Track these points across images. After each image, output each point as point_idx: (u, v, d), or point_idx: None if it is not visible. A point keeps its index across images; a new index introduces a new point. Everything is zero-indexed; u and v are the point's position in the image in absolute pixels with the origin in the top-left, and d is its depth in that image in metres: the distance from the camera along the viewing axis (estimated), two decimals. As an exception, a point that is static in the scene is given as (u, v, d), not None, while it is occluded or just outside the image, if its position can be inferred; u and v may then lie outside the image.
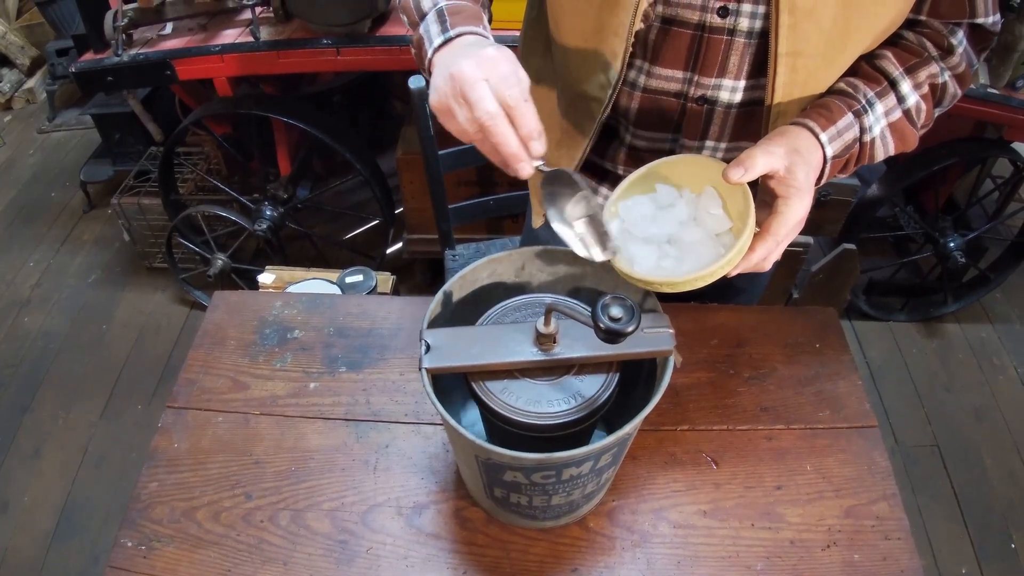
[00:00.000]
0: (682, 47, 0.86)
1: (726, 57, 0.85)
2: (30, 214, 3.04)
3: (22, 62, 3.74)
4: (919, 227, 2.36)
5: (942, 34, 0.86)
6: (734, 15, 0.82)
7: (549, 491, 0.74)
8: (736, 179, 0.73)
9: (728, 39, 0.84)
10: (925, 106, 0.88)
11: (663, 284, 0.72)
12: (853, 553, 0.89)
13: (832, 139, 0.82)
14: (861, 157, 0.87)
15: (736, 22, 0.82)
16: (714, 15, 0.82)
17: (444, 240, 1.76)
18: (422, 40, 0.84)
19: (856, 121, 0.84)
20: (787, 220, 0.76)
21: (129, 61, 2.00)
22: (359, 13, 1.91)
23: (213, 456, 0.97)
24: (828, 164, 0.83)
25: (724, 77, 0.87)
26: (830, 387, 1.05)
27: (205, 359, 1.09)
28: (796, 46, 0.79)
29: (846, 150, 0.85)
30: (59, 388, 2.36)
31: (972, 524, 1.97)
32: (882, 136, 0.86)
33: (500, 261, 0.83)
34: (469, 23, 0.82)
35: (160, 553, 0.88)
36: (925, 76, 0.86)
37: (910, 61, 0.86)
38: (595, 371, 0.74)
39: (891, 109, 0.86)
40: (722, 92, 0.88)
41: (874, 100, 0.85)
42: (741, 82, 0.87)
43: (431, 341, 0.73)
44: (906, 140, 0.89)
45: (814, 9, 0.76)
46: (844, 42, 0.81)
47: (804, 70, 0.82)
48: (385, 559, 0.87)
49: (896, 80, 0.86)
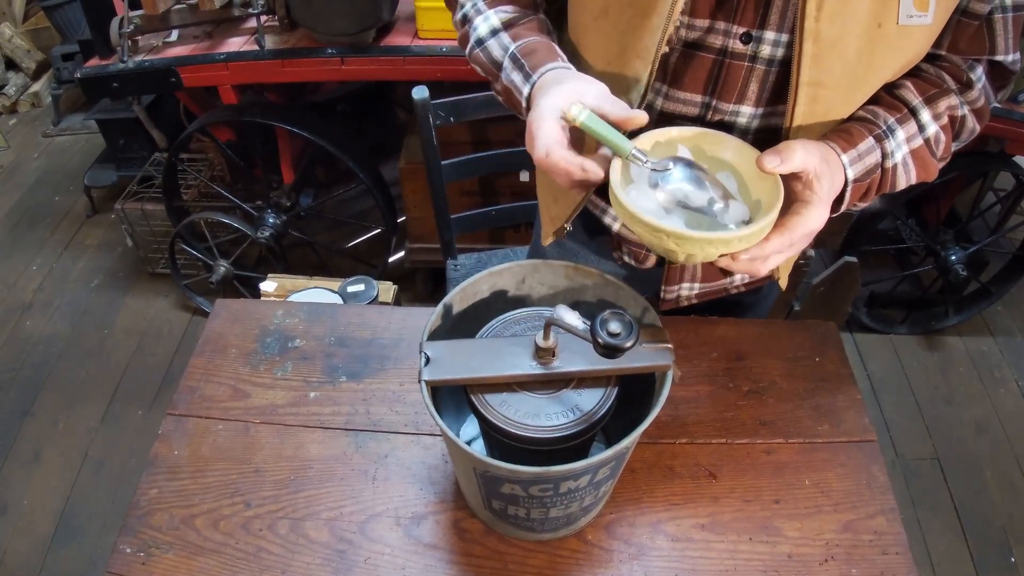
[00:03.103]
0: (702, 72, 0.86)
1: (746, 84, 0.85)
2: (33, 218, 3.05)
3: (27, 66, 3.76)
4: (921, 240, 2.36)
5: (961, 68, 0.87)
6: (757, 42, 0.82)
7: (547, 504, 0.74)
8: (770, 168, 0.73)
9: (749, 66, 0.84)
10: (944, 137, 0.88)
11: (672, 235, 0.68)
12: (851, 568, 0.89)
13: (853, 162, 0.82)
14: (883, 184, 0.87)
15: (758, 49, 0.82)
16: (737, 41, 0.82)
17: (446, 249, 1.77)
18: (510, 90, 0.88)
19: (878, 146, 0.84)
20: (805, 223, 0.76)
21: (134, 68, 2.02)
22: (364, 23, 1.92)
23: (213, 464, 0.97)
24: (849, 188, 0.82)
25: (743, 104, 0.87)
26: (829, 401, 1.05)
27: (206, 367, 1.09)
28: (818, 76, 0.79)
29: (867, 175, 0.84)
30: (60, 392, 2.37)
31: (972, 537, 1.97)
32: (904, 163, 0.86)
33: (500, 274, 0.84)
34: (546, 61, 0.85)
35: (159, 560, 0.88)
36: (944, 107, 0.86)
37: (929, 91, 0.86)
38: (594, 385, 0.74)
39: (912, 136, 0.86)
40: (740, 118, 0.88)
41: (895, 126, 0.85)
42: (760, 109, 0.87)
43: (431, 353, 0.74)
44: (928, 169, 0.88)
45: (839, 40, 0.76)
46: (867, 74, 0.81)
47: (824, 100, 0.82)
48: (383, 569, 0.87)
49: (916, 108, 0.85)
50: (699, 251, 0.70)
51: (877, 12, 0.75)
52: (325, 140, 2.13)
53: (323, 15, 1.91)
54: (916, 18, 0.76)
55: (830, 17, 0.75)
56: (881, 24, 0.76)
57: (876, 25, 0.76)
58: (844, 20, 0.75)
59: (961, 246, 2.29)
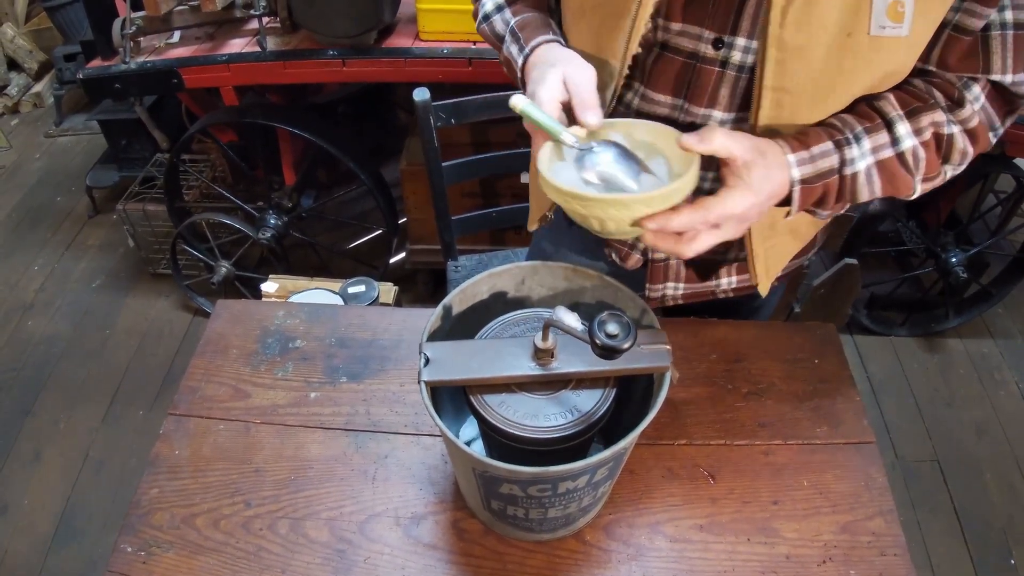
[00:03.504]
0: (675, 74, 0.88)
1: (716, 88, 0.86)
2: (35, 218, 3.05)
3: (30, 66, 3.77)
4: (921, 242, 2.36)
5: (954, 85, 0.84)
6: (728, 48, 0.83)
7: (545, 504, 0.75)
8: (687, 145, 0.75)
9: (720, 71, 0.85)
10: (925, 154, 0.84)
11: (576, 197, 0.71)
12: (849, 569, 0.89)
13: (802, 163, 0.81)
14: (843, 192, 0.85)
15: (729, 55, 0.84)
16: (708, 46, 0.84)
17: (447, 251, 1.77)
18: (509, 61, 0.94)
19: (837, 152, 0.82)
20: (722, 204, 0.76)
21: (136, 69, 2.02)
22: (365, 25, 1.93)
23: (213, 463, 0.98)
24: (796, 187, 0.81)
25: (714, 108, 0.88)
26: (828, 403, 1.05)
27: (207, 367, 1.10)
28: (782, 82, 0.80)
29: (819, 178, 0.82)
30: (61, 392, 2.37)
31: (972, 539, 1.97)
32: (867, 173, 0.83)
33: (500, 276, 0.84)
34: (538, 33, 0.91)
35: (159, 559, 0.89)
36: (928, 122, 0.83)
37: (912, 104, 0.84)
38: (592, 386, 0.74)
39: (881, 147, 0.83)
40: (711, 122, 0.89)
41: (863, 135, 0.83)
42: (730, 114, 0.88)
43: (430, 354, 0.74)
44: (896, 184, 0.86)
45: (805, 48, 0.77)
46: (834, 83, 0.81)
47: (789, 106, 0.82)
48: (383, 569, 0.87)
49: (893, 120, 0.83)
50: (603, 213, 0.72)
51: (846, 22, 0.75)
52: (326, 141, 2.14)
53: (325, 17, 1.92)
54: (890, 29, 0.75)
55: (795, 24, 0.76)
56: (851, 34, 0.76)
57: (845, 35, 0.76)
58: (810, 28, 0.76)
59: (961, 248, 2.29)
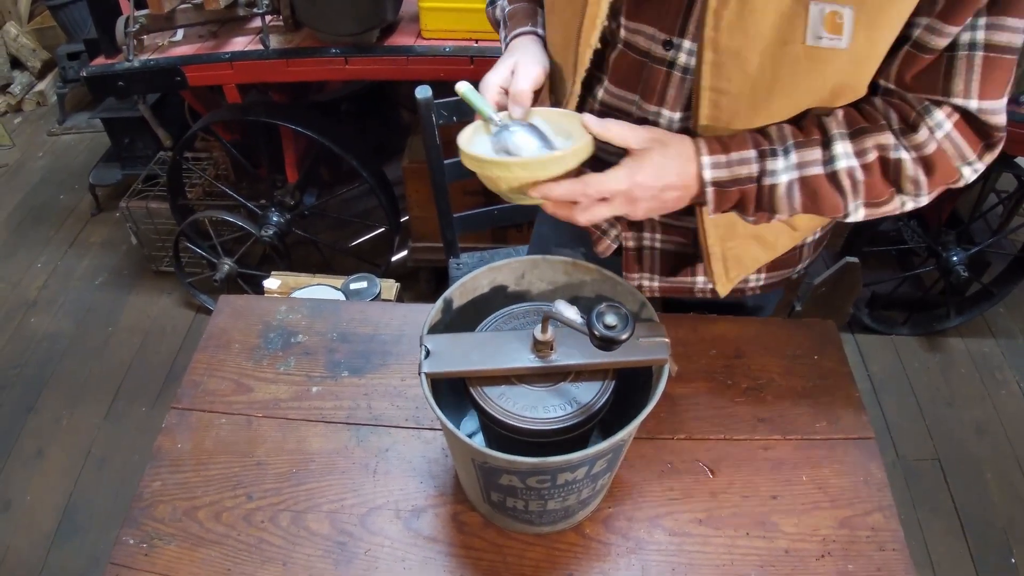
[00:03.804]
0: (631, 72, 0.92)
1: (665, 88, 0.89)
2: (38, 216, 3.06)
3: (33, 65, 3.78)
4: (922, 241, 2.37)
5: (913, 108, 0.80)
6: (676, 49, 0.85)
7: (544, 496, 0.75)
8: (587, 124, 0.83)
9: (667, 71, 0.88)
10: (865, 177, 0.83)
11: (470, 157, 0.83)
12: (847, 563, 0.89)
13: (716, 166, 0.82)
14: (761, 202, 0.85)
15: (676, 56, 0.86)
16: (659, 46, 0.87)
17: (448, 249, 1.78)
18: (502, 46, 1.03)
19: (759, 161, 0.83)
20: (600, 180, 0.81)
21: (140, 67, 2.03)
22: (367, 23, 1.94)
23: (216, 457, 0.98)
24: (709, 188, 0.83)
25: (663, 107, 0.90)
26: (827, 399, 1.06)
27: (210, 361, 1.10)
28: (718, 83, 0.81)
29: (734, 183, 0.83)
30: (64, 389, 2.38)
31: (972, 538, 1.97)
32: (788, 187, 0.83)
33: (500, 269, 0.85)
34: (521, 24, 1.01)
35: (161, 551, 0.90)
36: (872, 144, 0.82)
37: (859, 124, 0.83)
38: (591, 378, 0.75)
39: (810, 163, 0.83)
40: (661, 120, 0.91)
41: (791, 149, 0.83)
42: (678, 113, 0.90)
43: (431, 346, 0.75)
44: (820, 204, 0.84)
45: (739, 52, 0.78)
46: (771, 91, 0.81)
47: (727, 109, 0.83)
48: (383, 561, 0.88)
49: (833, 138, 0.82)
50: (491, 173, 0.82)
51: (782, 29, 0.76)
52: (329, 139, 2.14)
53: (327, 15, 1.92)
54: (827, 40, 0.75)
55: (729, 29, 0.77)
56: (787, 42, 0.76)
57: (781, 42, 0.77)
58: (743, 33, 0.77)
59: (963, 247, 2.29)
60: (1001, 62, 0.75)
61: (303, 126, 2.14)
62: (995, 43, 0.74)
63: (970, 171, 0.83)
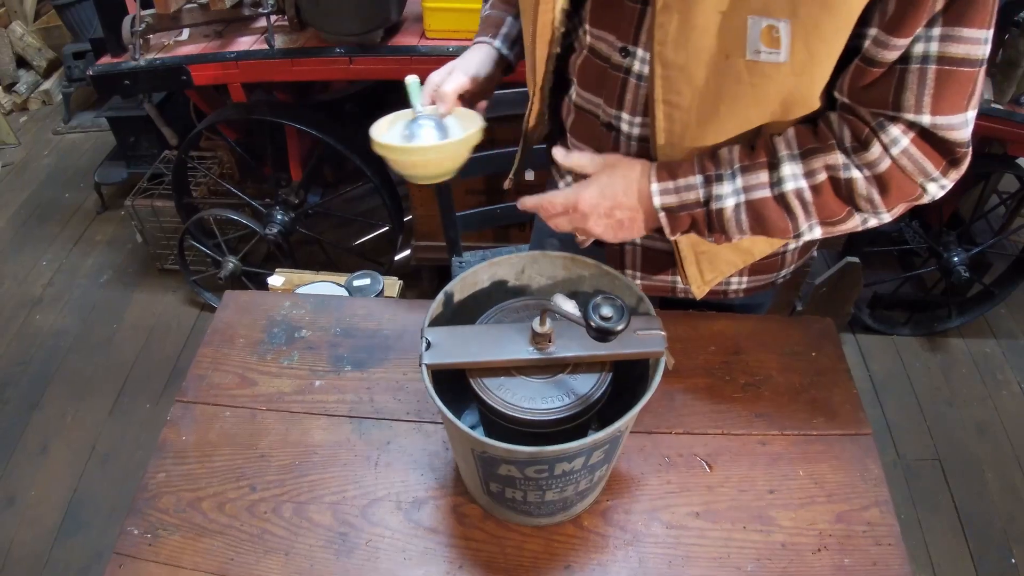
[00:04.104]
0: (593, 75, 0.96)
1: (623, 92, 0.92)
2: (44, 214, 3.08)
3: (39, 64, 3.80)
4: (923, 241, 2.37)
5: (868, 124, 0.79)
6: (631, 57, 0.89)
7: (543, 486, 0.76)
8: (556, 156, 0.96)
9: (624, 77, 0.91)
10: (814, 197, 0.83)
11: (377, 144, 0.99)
12: (843, 557, 0.90)
13: (665, 192, 0.87)
14: (711, 224, 0.88)
15: (631, 63, 0.89)
16: (617, 53, 0.90)
17: (451, 247, 1.79)
18: None
19: (705, 186, 0.86)
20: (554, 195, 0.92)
21: (146, 66, 2.04)
22: (372, 23, 1.95)
23: (220, 449, 1.00)
24: (661, 214, 0.88)
25: (622, 111, 0.94)
26: (825, 395, 1.07)
27: (214, 356, 1.12)
28: (669, 96, 0.84)
29: (683, 208, 0.87)
30: (68, 386, 2.39)
31: (972, 538, 1.97)
32: (736, 210, 0.86)
33: (500, 264, 0.86)
34: (483, 32, 1.10)
35: (165, 541, 0.91)
36: (821, 165, 0.82)
37: (809, 144, 0.83)
38: (589, 370, 0.76)
39: (756, 187, 0.85)
40: (622, 124, 0.95)
41: (737, 173, 0.85)
42: (637, 118, 0.93)
43: (432, 339, 0.76)
44: (766, 225, 0.86)
45: (686, 66, 0.80)
46: (717, 105, 0.82)
47: (680, 121, 0.86)
48: (384, 551, 0.89)
49: (781, 160, 0.83)
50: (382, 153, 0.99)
51: (725, 44, 0.77)
52: (333, 139, 2.16)
53: (332, 15, 1.94)
54: (765, 54, 0.75)
55: (674, 44, 0.79)
56: (729, 56, 0.78)
57: (724, 57, 0.78)
58: (688, 49, 0.79)
59: (964, 248, 2.29)
60: (958, 75, 0.73)
61: (307, 125, 2.15)
62: (950, 55, 0.72)
63: (936, 187, 0.82)
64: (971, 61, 0.72)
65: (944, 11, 0.70)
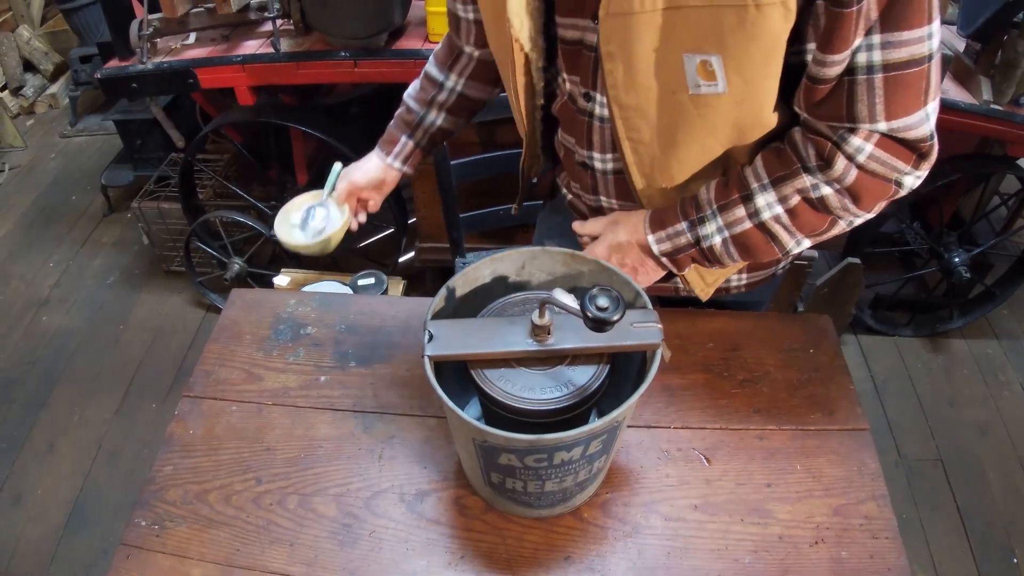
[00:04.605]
0: (569, 119, 1.02)
1: (591, 133, 0.99)
2: (50, 216, 3.11)
3: (45, 68, 3.84)
4: (924, 242, 2.38)
5: (829, 140, 0.82)
6: (593, 101, 0.95)
7: (542, 476, 0.78)
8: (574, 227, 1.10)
9: (589, 120, 0.98)
10: (792, 219, 0.89)
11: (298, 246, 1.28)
12: (841, 550, 0.91)
13: (660, 241, 0.97)
14: (708, 259, 0.97)
15: (593, 108, 0.96)
16: (582, 99, 0.97)
17: (455, 248, 1.81)
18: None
19: (691, 229, 0.95)
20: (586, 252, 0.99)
21: (153, 69, 2.07)
22: (376, 27, 1.97)
23: (226, 442, 1.01)
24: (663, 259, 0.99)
25: (593, 150, 1.01)
26: (822, 391, 1.08)
27: (221, 352, 1.13)
28: (631, 134, 0.91)
29: (679, 251, 0.97)
30: (75, 385, 2.42)
31: (974, 538, 1.98)
32: (724, 244, 0.94)
33: (501, 260, 0.88)
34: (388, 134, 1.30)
35: (172, 532, 0.92)
36: (792, 190, 0.87)
37: (778, 172, 0.87)
38: (587, 362, 0.78)
39: (735, 222, 0.92)
40: (595, 162, 1.02)
41: (716, 212, 0.92)
42: (607, 155, 1.01)
43: (434, 331, 0.77)
44: (754, 252, 0.94)
45: (640, 106, 0.87)
46: (675, 137, 0.89)
47: (646, 154, 0.93)
48: (387, 542, 0.91)
49: (754, 192, 0.89)
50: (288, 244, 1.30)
51: (668, 82, 0.83)
52: (338, 141, 2.18)
53: (337, 19, 1.96)
54: (706, 87, 0.80)
55: (624, 87, 0.86)
56: (675, 92, 0.83)
57: (670, 93, 0.83)
58: (637, 90, 0.85)
59: (965, 248, 2.30)
60: (906, 78, 0.74)
61: (313, 128, 2.17)
62: (894, 61, 0.73)
63: (911, 179, 0.84)
64: (917, 61, 0.73)
65: (880, 19, 0.71)
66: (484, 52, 1.17)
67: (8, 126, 3.51)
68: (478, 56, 1.19)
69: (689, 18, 0.75)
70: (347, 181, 1.29)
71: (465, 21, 1.13)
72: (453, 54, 1.21)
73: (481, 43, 1.15)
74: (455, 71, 1.22)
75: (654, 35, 0.78)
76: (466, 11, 1.12)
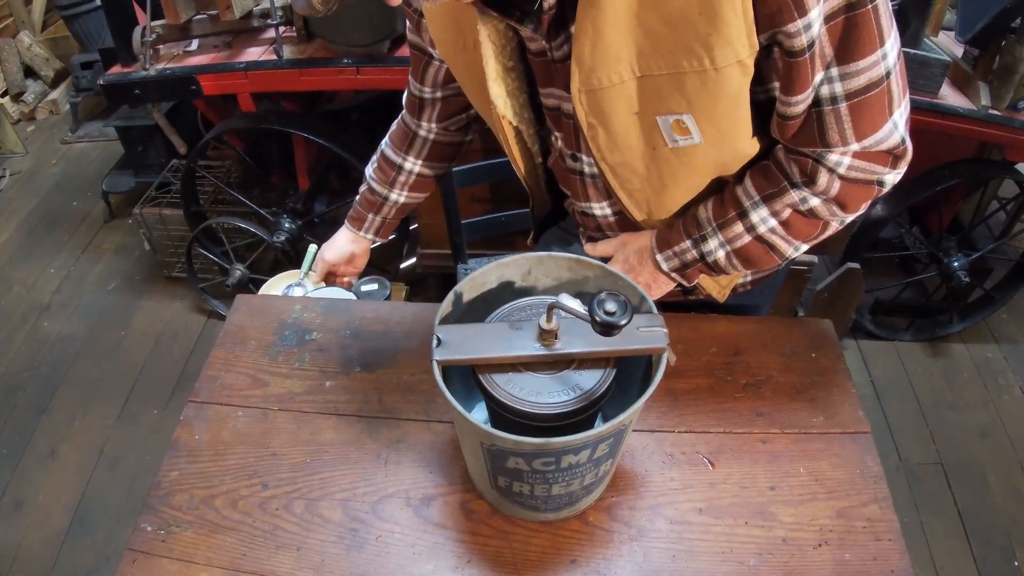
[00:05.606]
0: (563, 175, 1.09)
1: (584, 188, 1.06)
2: (52, 222, 3.11)
3: (46, 74, 3.85)
4: (924, 247, 2.39)
5: (810, 158, 0.88)
6: (580, 162, 1.02)
7: (549, 479, 0.78)
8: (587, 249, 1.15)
9: (580, 177, 1.04)
10: (787, 230, 0.96)
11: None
12: (844, 552, 0.92)
13: (668, 258, 1.04)
14: (714, 271, 1.04)
15: (581, 167, 1.02)
16: (570, 159, 1.03)
17: (457, 254, 1.81)
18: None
19: (695, 247, 1.01)
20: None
21: (156, 75, 2.08)
22: (379, 34, 1.98)
23: (232, 448, 1.02)
24: (673, 274, 1.06)
25: (591, 202, 1.08)
26: (824, 394, 1.08)
27: (226, 357, 1.14)
28: (623, 185, 0.98)
29: (686, 266, 1.04)
30: (76, 391, 2.42)
31: (975, 542, 1.98)
32: (727, 257, 1.00)
33: (508, 266, 0.88)
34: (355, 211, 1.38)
35: (178, 537, 0.93)
36: (782, 205, 0.93)
37: (768, 190, 0.93)
38: (593, 366, 0.78)
39: (735, 237, 0.98)
40: (595, 210, 1.09)
41: (715, 231, 0.99)
42: (605, 203, 1.07)
43: (442, 336, 0.78)
44: (756, 262, 1.01)
45: (625, 163, 0.94)
46: (663, 183, 0.96)
47: (641, 198, 1.00)
48: (393, 547, 0.91)
49: (747, 210, 0.95)
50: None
51: (649, 140, 0.89)
52: (340, 147, 2.18)
53: (339, 26, 1.97)
54: (683, 141, 0.86)
55: (607, 149, 0.92)
56: (655, 148, 0.90)
57: (651, 149, 0.89)
58: (621, 150, 0.92)
59: (964, 253, 2.31)
60: (869, 101, 0.79)
61: (315, 135, 2.18)
62: (854, 90, 0.78)
63: (891, 177, 0.90)
64: (875, 83, 0.78)
65: (835, 53, 0.77)
66: (440, 130, 1.25)
67: (9, 132, 3.52)
68: (433, 138, 1.26)
69: (657, 84, 0.81)
70: (322, 260, 1.41)
71: (429, 100, 1.21)
72: (408, 138, 1.27)
73: (442, 118, 1.23)
74: (411, 154, 1.28)
75: (628, 103, 0.85)
76: (433, 92, 1.19)
